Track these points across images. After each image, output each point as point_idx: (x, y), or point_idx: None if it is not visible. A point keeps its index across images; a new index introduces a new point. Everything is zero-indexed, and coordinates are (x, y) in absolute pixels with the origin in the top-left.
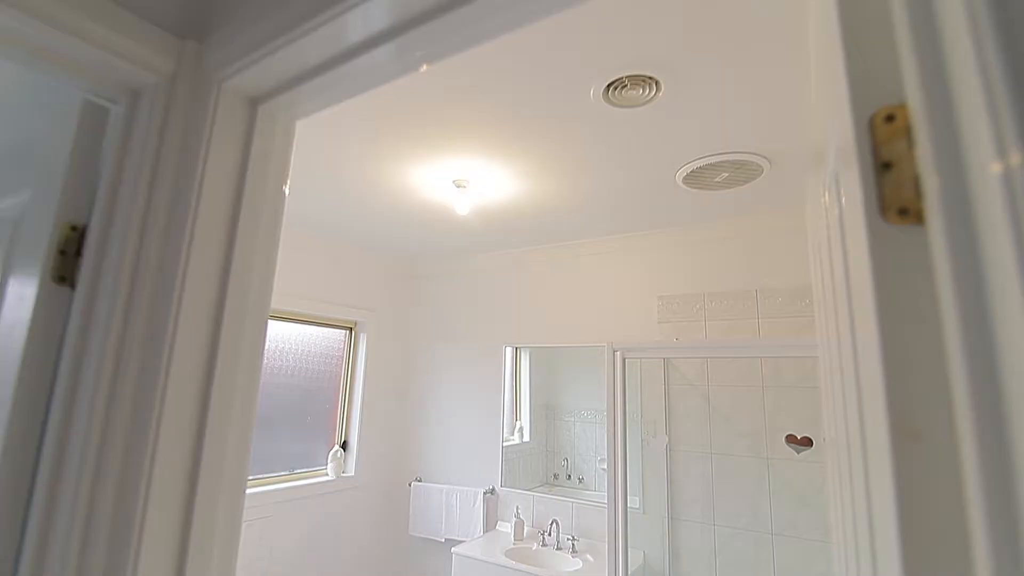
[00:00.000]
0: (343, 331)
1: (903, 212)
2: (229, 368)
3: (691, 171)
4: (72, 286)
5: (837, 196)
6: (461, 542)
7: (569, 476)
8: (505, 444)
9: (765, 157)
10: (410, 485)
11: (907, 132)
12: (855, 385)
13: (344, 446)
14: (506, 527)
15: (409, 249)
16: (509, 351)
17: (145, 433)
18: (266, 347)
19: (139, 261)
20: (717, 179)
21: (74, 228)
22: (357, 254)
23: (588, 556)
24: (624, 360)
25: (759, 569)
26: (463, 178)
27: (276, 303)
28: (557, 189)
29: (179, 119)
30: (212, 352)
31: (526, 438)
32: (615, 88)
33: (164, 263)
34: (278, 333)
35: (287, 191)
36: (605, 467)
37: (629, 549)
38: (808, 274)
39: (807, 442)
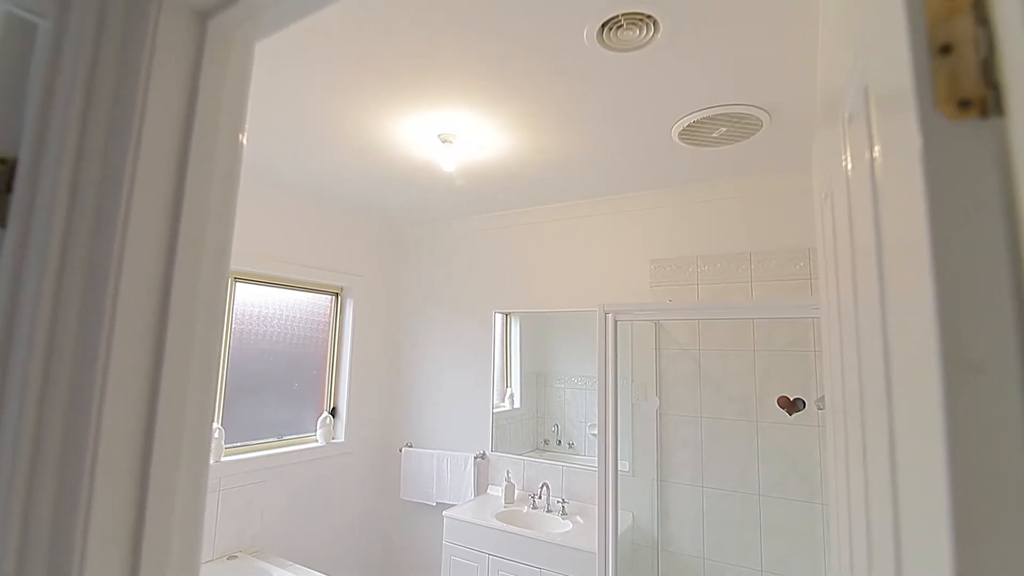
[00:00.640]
0: (329, 297)
1: (964, 104)
2: (185, 316)
3: (688, 125)
4: (3, 224)
5: (867, 121)
6: (452, 506)
7: (559, 442)
8: (496, 411)
9: (765, 110)
10: (401, 451)
11: (973, 7)
12: (880, 333)
13: (333, 412)
14: (497, 491)
15: (396, 213)
16: (499, 318)
17: (90, 385)
18: (249, 313)
19: (75, 199)
20: (714, 134)
21: (3, 162)
22: (342, 218)
23: (578, 518)
24: (616, 322)
25: (745, 529)
26: (449, 132)
27: (258, 267)
28: (548, 144)
29: (115, 35)
30: (164, 299)
31: (517, 404)
32: (610, 28)
33: (103, 200)
34: (261, 299)
35: (246, 125)
36: (595, 433)
37: (619, 511)
38: (804, 237)
39: (799, 404)
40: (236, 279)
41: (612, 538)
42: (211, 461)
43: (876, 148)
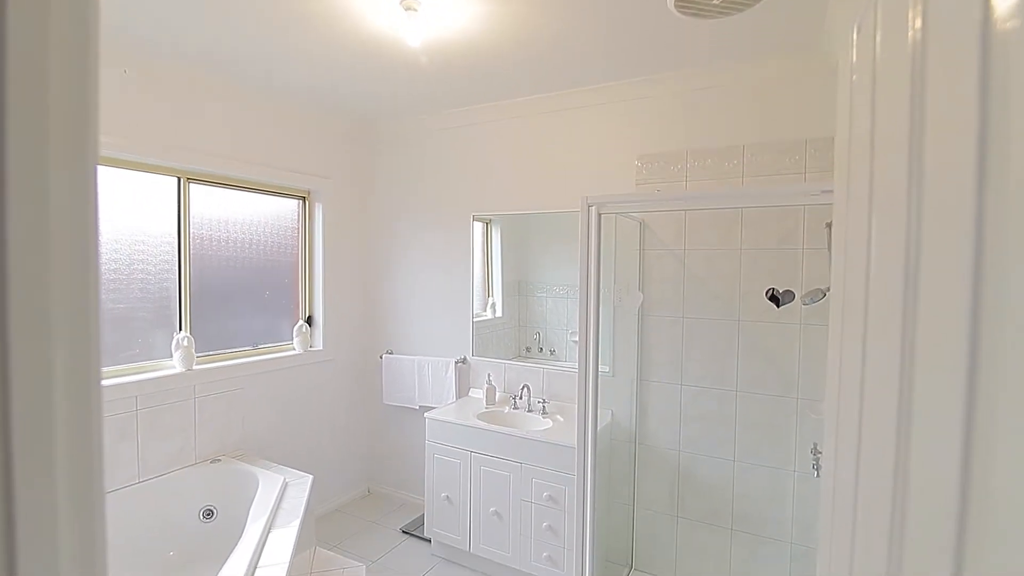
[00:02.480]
0: (296, 201)
1: None
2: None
3: None
4: None
5: None
6: (435, 408)
7: (541, 349)
8: (478, 319)
9: None
10: (381, 358)
11: None
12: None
13: (309, 321)
14: (478, 393)
15: (362, 107)
16: (479, 226)
17: None
18: (209, 218)
19: None
20: (715, 0)
21: None
22: (305, 113)
23: (558, 417)
24: (600, 216)
25: (721, 423)
26: None
27: (213, 168)
28: (527, 18)
29: None
30: None
31: (499, 314)
32: None
33: None
34: (220, 204)
35: None
36: (576, 340)
37: (599, 409)
38: (801, 128)
39: (788, 297)
40: (189, 180)
41: (592, 433)
42: (181, 369)
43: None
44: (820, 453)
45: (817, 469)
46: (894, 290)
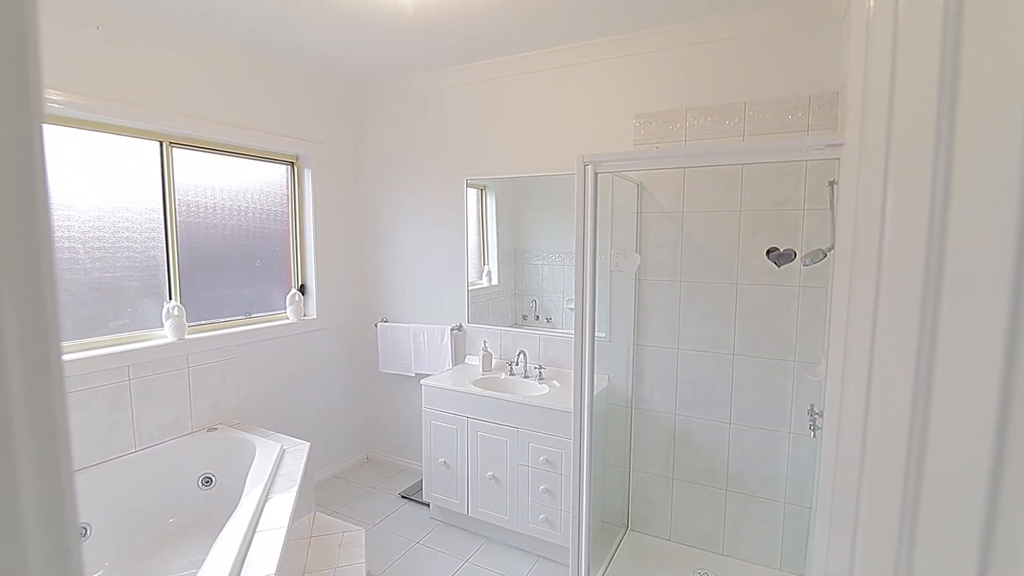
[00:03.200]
0: (284, 166)
1: None
2: None
3: None
4: None
5: None
6: (431, 376)
7: (538, 317)
8: (473, 288)
9: None
10: (376, 326)
11: None
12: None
13: (302, 290)
14: (474, 360)
15: (350, 68)
16: (474, 193)
17: None
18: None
19: None
20: None
21: None
22: (291, 75)
23: (555, 382)
24: (596, 175)
25: (717, 386)
26: None
27: (197, 131)
28: None
29: None
30: None
31: (495, 282)
32: None
33: None
34: (206, 169)
35: None
36: (573, 307)
37: (595, 374)
38: (805, 83)
39: (789, 255)
40: (171, 144)
41: (588, 397)
42: (173, 339)
43: None
44: (818, 414)
45: (814, 429)
46: (916, 243)
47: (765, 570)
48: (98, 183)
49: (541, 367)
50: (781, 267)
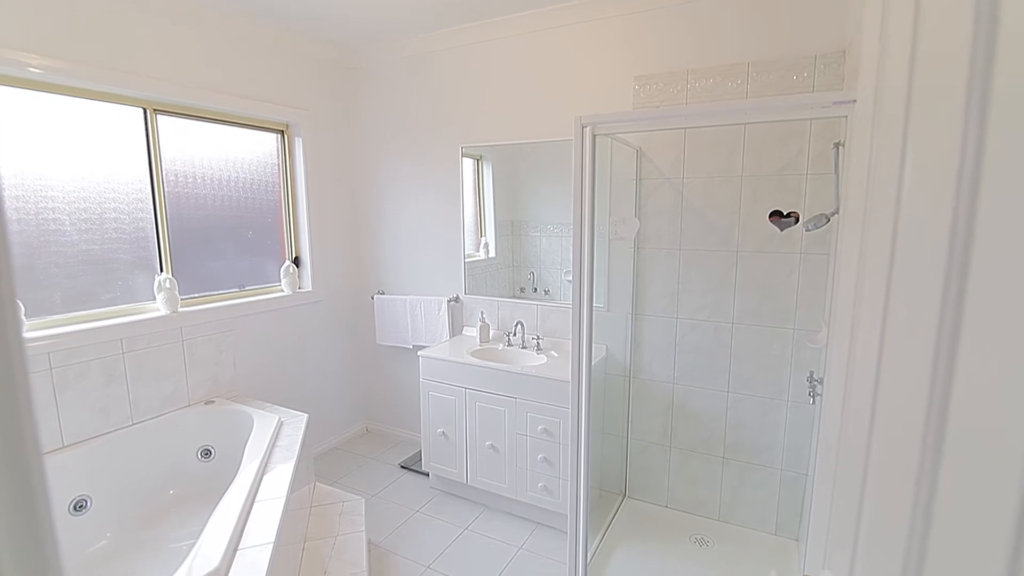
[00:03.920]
0: (274, 135)
1: None
2: None
3: None
4: None
5: None
6: (428, 347)
7: (536, 289)
8: (470, 260)
9: None
10: (373, 298)
11: None
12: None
13: (296, 262)
14: (472, 331)
15: (340, 31)
16: (470, 163)
17: None
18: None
19: None
20: None
21: None
22: (278, 38)
23: (553, 352)
24: (595, 138)
25: (716, 355)
26: None
27: (180, 98)
28: None
29: None
30: None
31: (492, 254)
32: None
33: None
34: (192, 136)
35: None
36: (571, 279)
37: (593, 344)
38: (810, 41)
39: (793, 218)
40: (156, 111)
41: (586, 367)
42: (166, 312)
43: None
44: (818, 381)
45: (814, 396)
46: (941, 204)
47: (761, 534)
48: (81, 152)
49: (539, 337)
50: (783, 231)
